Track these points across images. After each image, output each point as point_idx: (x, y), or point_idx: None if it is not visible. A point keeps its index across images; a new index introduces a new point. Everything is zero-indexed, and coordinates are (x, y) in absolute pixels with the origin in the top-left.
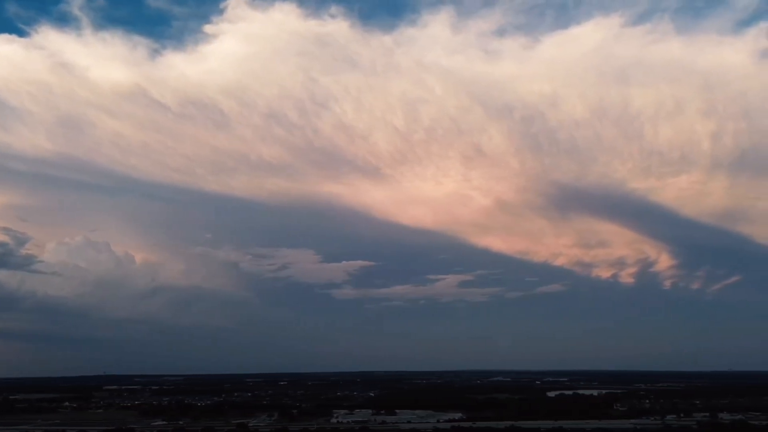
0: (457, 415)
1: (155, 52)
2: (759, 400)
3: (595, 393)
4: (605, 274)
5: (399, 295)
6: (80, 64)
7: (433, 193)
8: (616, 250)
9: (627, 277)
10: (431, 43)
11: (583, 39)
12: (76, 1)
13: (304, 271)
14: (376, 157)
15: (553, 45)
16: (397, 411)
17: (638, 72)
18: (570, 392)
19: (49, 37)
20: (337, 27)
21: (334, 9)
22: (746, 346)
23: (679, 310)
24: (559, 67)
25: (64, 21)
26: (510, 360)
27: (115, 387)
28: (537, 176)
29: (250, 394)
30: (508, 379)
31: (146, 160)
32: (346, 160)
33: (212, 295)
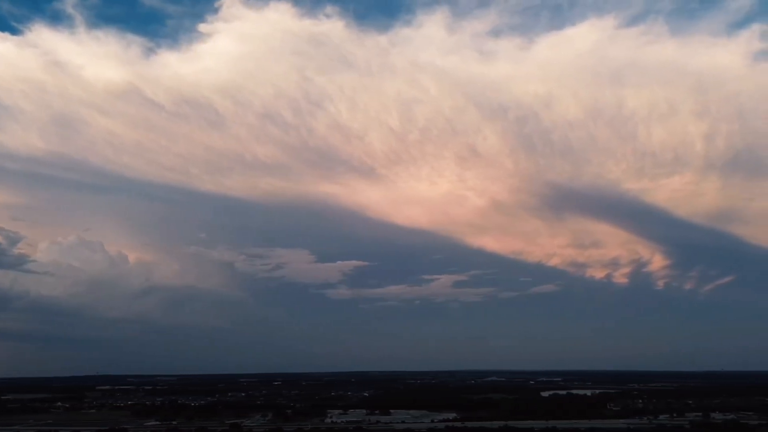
0: (452, 415)
1: (149, 51)
2: (751, 400)
3: (589, 393)
4: (599, 274)
5: (393, 295)
6: (74, 63)
7: (428, 194)
8: (610, 251)
9: (620, 277)
10: (426, 43)
11: (577, 40)
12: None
13: (299, 271)
14: (371, 157)
15: (548, 46)
16: (392, 411)
17: (632, 73)
18: (564, 392)
19: (43, 36)
20: (332, 27)
21: (329, 9)
22: (739, 346)
23: (672, 311)
24: (554, 68)
25: (57, 19)
26: (504, 360)
27: (108, 387)
28: (531, 177)
29: (244, 394)
30: (503, 379)
31: (140, 160)
32: (341, 159)
33: (206, 295)
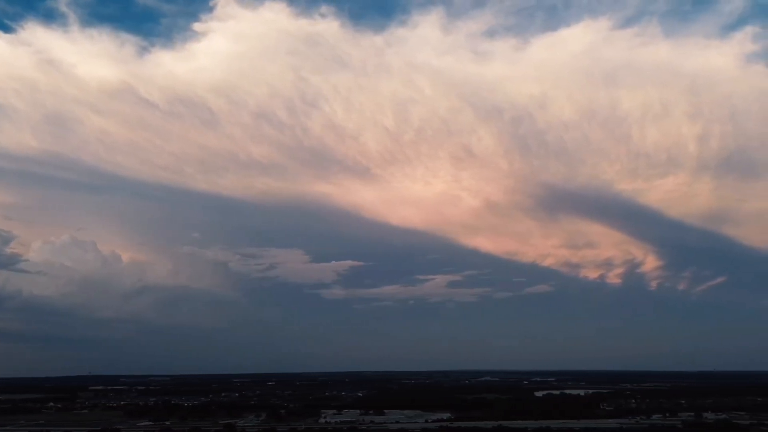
0: (446, 415)
1: (143, 50)
2: (743, 400)
3: (582, 393)
4: (592, 274)
5: (388, 295)
6: (67, 61)
7: (423, 194)
8: (604, 251)
9: (614, 277)
10: (421, 43)
11: (572, 41)
12: None
13: (294, 271)
14: (366, 157)
15: (543, 47)
16: (386, 411)
17: (626, 74)
18: (557, 392)
19: (36, 34)
20: (328, 26)
21: (325, 8)
22: (731, 346)
23: (666, 311)
24: (549, 69)
25: (51, 17)
26: (498, 360)
27: (101, 387)
28: (526, 177)
29: (237, 395)
30: (497, 379)
31: (134, 159)
32: (336, 159)
33: (200, 295)
